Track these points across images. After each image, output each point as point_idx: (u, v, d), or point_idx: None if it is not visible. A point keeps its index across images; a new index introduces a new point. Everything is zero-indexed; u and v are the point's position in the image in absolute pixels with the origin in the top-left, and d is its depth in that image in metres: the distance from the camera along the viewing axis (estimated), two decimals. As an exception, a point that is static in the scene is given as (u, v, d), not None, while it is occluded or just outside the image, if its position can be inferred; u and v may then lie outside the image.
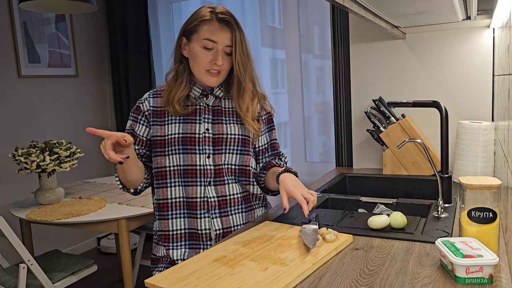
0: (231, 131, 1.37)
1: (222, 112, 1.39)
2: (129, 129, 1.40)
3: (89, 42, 3.64)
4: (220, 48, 1.29)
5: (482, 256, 0.89)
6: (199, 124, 1.35)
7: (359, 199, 1.66)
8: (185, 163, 1.33)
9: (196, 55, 1.30)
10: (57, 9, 2.56)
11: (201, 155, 1.34)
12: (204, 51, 1.29)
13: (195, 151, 1.33)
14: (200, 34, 1.29)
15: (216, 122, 1.37)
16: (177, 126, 1.35)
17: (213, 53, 1.29)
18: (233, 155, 1.37)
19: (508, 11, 1.12)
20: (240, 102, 1.35)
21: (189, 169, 1.33)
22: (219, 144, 1.35)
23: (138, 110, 1.39)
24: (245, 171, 1.40)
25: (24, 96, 3.14)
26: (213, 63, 1.29)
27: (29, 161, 2.19)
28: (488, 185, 0.98)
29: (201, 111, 1.36)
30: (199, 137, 1.34)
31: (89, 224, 2.08)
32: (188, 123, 1.35)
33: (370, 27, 2.05)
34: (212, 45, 1.28)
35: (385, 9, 1.36)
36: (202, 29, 1.29)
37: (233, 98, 1.37)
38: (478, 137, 1.68)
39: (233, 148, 1.37)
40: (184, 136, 1.34)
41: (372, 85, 2.11)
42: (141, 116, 1.38)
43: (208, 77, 1.31)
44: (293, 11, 2.98)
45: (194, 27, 1.30)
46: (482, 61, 1.88)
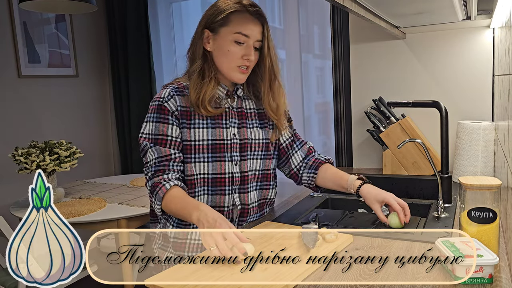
0: (255, 135, 1.31)
1: (245, 114, 1.32)
2: (157, 135, 1.22)
3: (89, 42, 3.64)
4: (251, 43, 1.20)
5: (482, 256, 0.89)
6: (226, 129, 1.27)
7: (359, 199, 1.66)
8: (214, 171, 1.25)
9: (227, 49, 1.20)
10: (57, 9, 2.55)
11: (230, 163, 1.26)
12: (236, 45, 1.20)
13: (225, 158, 1.25)
14: (231, 27, 1.19)
15: (241, 126, 1.29)
16: (205, 131, 1.24)
17: (245, 48, 1.20)
18: (257, 161, 1.32)
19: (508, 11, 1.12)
20: (271, 102, 1.28)
21: (218, 177, 1.25)
22: (245, 150, 1.29)
23: (164, 110, 1.22)
24: (267, 176, 1.35)
25: (24, 96, 3.13)
26: (245, 59, 1.20)
27: (29, 161, 2.19)
28: (488, 185, 0.98)
29: (227, 114, 1.28)
30: (227, 143, 1.26)
31: (89, 224, 2.08)
32: (217, 127, 1.25)
33: (370, 27, 2.05)
34: (244, 39, 1.19)
35: (385, 9, 1.36)
36: (233, 21, 1.19)
37: (263, 97, 1.29)
38: (478, 137, 1.67)
39: (257, 154, 1.31)
40: (213, 143, 1.24)
41: (372, 85, 2.11)
42: (171, 116, 1.23)
43: (238, 74, 1.23)
44: (293, 11, 2.98)
45: (224, 19, 1.20)
46: (482, 61, 1.88)
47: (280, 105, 1.29)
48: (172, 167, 1.21)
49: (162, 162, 1.20)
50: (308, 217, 1.42)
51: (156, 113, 1.22)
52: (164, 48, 3.55)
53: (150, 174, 1.21)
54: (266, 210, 1.41)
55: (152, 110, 1.23)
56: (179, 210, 1.15)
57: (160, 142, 1.21)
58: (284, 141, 1.41)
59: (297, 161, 1.41)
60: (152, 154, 1.22)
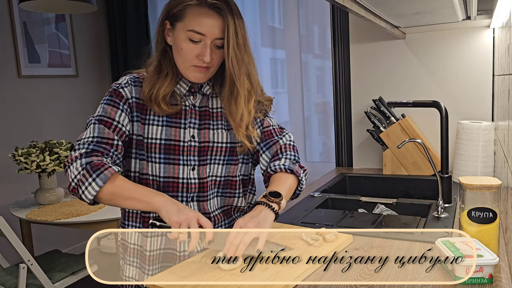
0: (218, 138, 1.16)
1: (209, 114, 1.16)
2: (103, 116, 1.08)
3: (89, 42, 3.64)
4: (209, 42, 1.05)
5: (482, 256, 0.89)
6: (184, 130, 1.13)
7: (359, 199, 1.66)
8: (165, 174, 1.12)
9: (180, 47, 1.07)
10: (57, 9, 2.56)
11: (185, 167, 1.13)
12: (190, 43, 1.05)
13: (179, 161, 1.12)
14: (185, 22, 1.05)
15: (203, 128, 1.15)
16: (159, 129, 1.11)
17: (201, 47, 1.06)
18: (218, 166, 1.17)
19: (508, 11, 1.12)
20: (232, 108, 1.11)
21: (170, 181, 1.12)
22: (204, 154, 1.15)
23: (118, 95, 1.10)
24: (231, 182, 1.19)
25: (24, 96, 3.13)
26: (200, 59, 1.06)
27: (29, 161, 2.19)
28: (488, 185, 0.98)
29: (187, 113, 1.14)
30: (183, 145, 1.12)
31: (89, 224, 2.08)
32: (172, 126, 1.12)
33: (370, 27, 2.05)
34: (199, 37, 1.04)
35: (385, 9, 1.36)
36: (187, 16, 1.04)
37: (224, 102, 1.13)
38: (478, 137, 1.67)
39: (218, 158, 1.16)
40: (167, 143, 1.12)
41: (372, 85, 2.11)
42: (123, 103, 1.10)
43: (194, 73, 1.09)
44: (293, 11, 2.98)
45: (178, 13, 1.06)
46: (482, 61, 1.88)
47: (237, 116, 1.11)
48: (113, 155, 1.07)
49: (102, 145, 1.06)
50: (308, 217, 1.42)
51: (109, 96, 1.11)
52: (164, 48, 3.54)
53: (84, 150, 1.04)
54: (235, 216, 1.23)
55: (106, 94, 1.13)
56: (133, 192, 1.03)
57: (104, 123, 1.08)
58: (255, 147, 1.22)
59: (264, 165, 1.22)
60: (91, 131, 1.07)
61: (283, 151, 1.20)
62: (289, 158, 1.19)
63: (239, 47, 1.06)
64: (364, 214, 1.45)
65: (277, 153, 1.20)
